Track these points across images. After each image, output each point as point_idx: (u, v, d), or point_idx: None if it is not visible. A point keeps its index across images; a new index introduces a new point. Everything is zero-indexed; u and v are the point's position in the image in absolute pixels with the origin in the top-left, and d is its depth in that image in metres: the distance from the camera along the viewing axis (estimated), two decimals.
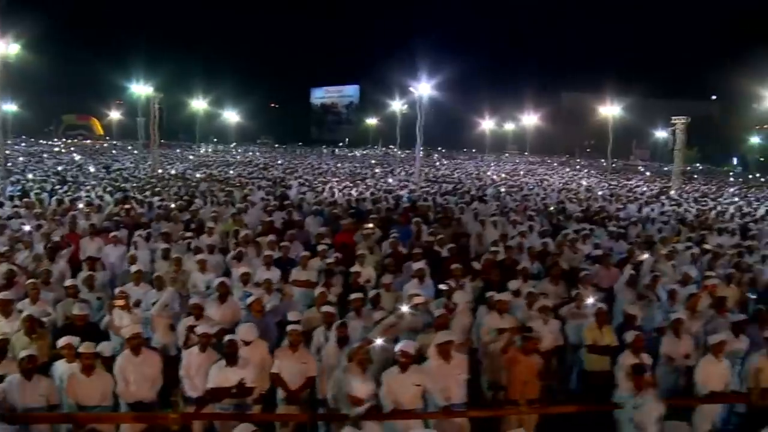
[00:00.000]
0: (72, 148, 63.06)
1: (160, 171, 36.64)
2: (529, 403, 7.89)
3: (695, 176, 65.38)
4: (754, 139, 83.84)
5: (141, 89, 49.41)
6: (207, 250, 13.36)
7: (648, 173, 62.62)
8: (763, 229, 21.11)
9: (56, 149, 62.46)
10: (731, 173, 76.17)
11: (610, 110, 52.58)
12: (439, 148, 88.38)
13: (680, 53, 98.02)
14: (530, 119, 77.59)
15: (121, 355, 8.37)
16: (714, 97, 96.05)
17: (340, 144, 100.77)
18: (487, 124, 79.36)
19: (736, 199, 35.21)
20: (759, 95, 50.95)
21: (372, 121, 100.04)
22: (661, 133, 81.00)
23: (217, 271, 12.68)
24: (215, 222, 16.90)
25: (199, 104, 73.35)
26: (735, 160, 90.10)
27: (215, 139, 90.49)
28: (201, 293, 11.72)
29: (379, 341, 8.29)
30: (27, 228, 15.05)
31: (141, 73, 50.48)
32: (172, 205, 20.11)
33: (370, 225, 16.61)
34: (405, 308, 9.70)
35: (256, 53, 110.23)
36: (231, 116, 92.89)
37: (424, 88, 38.30)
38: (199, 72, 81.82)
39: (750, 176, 67.89)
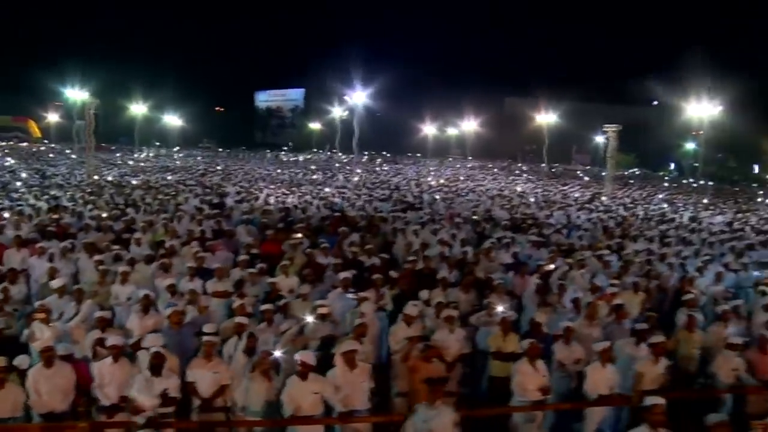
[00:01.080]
0: (6, 151, 61.44)
1: (96, 177, 36.22)
2: None
3: (631, 181, 67.08)
4: (690, 145, 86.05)
5: (76, 94, 48.70)
6: (127, 263, 13.36)
7: (586, 178, 63.90)
8: (681, 236, 22.07)
9: None
10: (666, 178, 78.34)
11: (545, 118, 53.70)
12: (384, 153, 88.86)
13: (622, 58, 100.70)
14: (470, 125, 78.61)
15: (34, 367, 8.56)
16: (655, 103, 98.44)
17: (284, 148, 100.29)
18: (429, 129, 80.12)
19: (664, 205, 36.41)
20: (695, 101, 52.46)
21: (315, 125, 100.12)
22: (600, 138, 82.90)
23: (144, 283, 12.70)
24: (144, 232, 17.01)
25: (138, 108, 72.40)
26: (672, 166, 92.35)
27: (157, 143, 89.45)
28: (123, 305, 11.92)
29: (277, 353, 8.60)
30: None
31: (77, 77, 49.78)
32: (104, 215, 19.90)
33: (298, 234, 16.90)
34: (310, 318, 10.09)
35: (199, 56, 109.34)
36: (172, 120, 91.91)
37: (358, 97, 38.73)
38: (140, 75, 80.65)
39: (684, 181, 70.01)
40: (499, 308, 10.65)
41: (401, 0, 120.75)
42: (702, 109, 42.99)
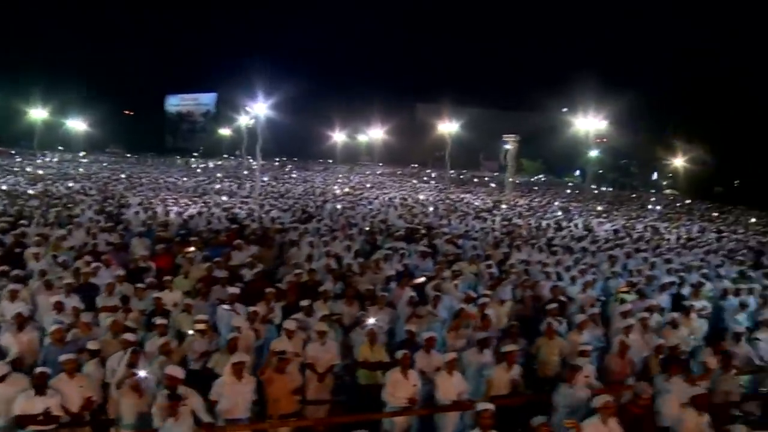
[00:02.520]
0: None
1: None
2: (284, 417, 8.94)
3: (535, 188, 69.20)
4: (593, 152, 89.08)
5: None
6: (13, 279, 13.17)
7: (493, 185, 65.55)
8: (567, 244, 23.24)
9: None
10: (570, 184, 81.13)
11: (448, 127, 54.93)
12: (295, 159, 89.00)
13: (530, 66, 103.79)
14: (377, 132, 79.48)
15: None
16: (565, 109, 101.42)
17: (195, 154, 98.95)
18: (339, 137, 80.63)
19: (559, 213, 37.92)
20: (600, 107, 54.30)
21: (226, 131, 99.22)
22: (508, 145, 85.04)
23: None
24: (39, 245, 16.74)
25: (38, 113, 69.96)
26: (577, 172, 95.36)
27: (60, 148, 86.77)
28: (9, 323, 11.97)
29: (142, 373, 8.99)
30: None
31: None
32: None
33: (191, 248, 17.09)
34: (190, 332, 10.52)
35: (105, 57, 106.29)
36: (77, 125, 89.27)
37: (260, 107, 38.87)
38: (39, 77, 78.05)
39: (586, 187, 72.61)
40: (370, 320, 11.26)
41: (312, 7, 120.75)
42: (589, 123, 44.91)
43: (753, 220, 44.00)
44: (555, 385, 9.87)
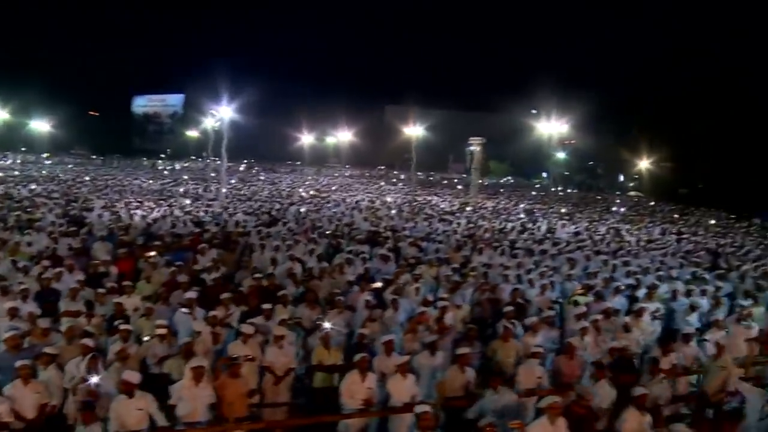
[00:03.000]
0: None
1: None
2: (238, 420, 9.08)
3: (501, 190, 69.79)
4: (560, 154, 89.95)
5: None
6: None
7: (460, 187, 65.98)
8: (528, 247, 23.57)
9: None
10: (537, 186, 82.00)
11: (414, 130, 55.19)
12: (264, 161, 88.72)
13: (500, 67, 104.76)
14: (345, 134, 79.60)
15: None
16: (534, 111, 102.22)
17: (162, 155, 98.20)
18: (306, 139, 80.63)
19: (522, 215, 38.35)
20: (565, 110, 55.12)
21: (193, 133, 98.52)
22: (473, 148, 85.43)
23: None
24: None
25: None
26: (545, 174, 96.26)
27: (23, 149, 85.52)
28: None
29: (94, 379, 9.04)
30: None
31: None
32: None
33: (152, 252, 17.09)
34: (146, 338, 10.60)
35: (70, 57, 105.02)
36: (40, 125, 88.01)
37: (225, 111, 38.84)
38: (1, 77, 76.87)
39: (553, 189, 73.54)
40: (326, 324, 11.42)
41: (281, 9, 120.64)
42: (552, 127, 45.57)
43: (712, 222, 44.83)
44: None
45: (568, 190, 79.58)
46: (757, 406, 10.79)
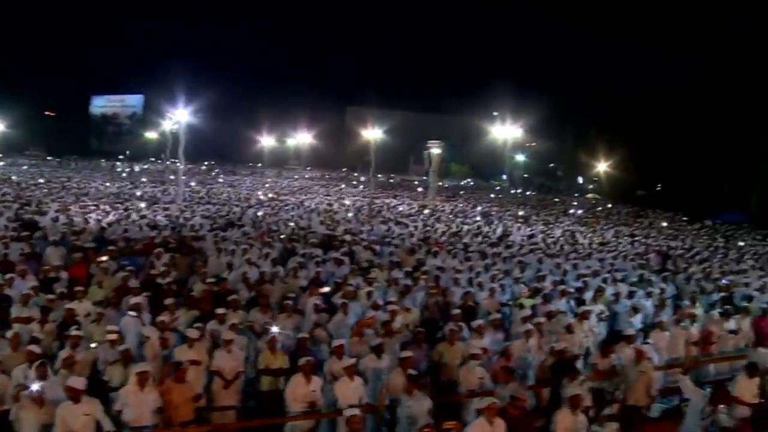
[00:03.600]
0: None
1: None
2: (183, 424, 9.27)
3: (461, 192, 70.37)
4: (519, 157, 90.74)
5: None
6: None
7: (420, 189, 66.34)
8: (482, 250, 23.95)
9: None
10: (498, 188, 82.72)
11: (372, 133, 55.39)
12: (224, 163, 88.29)
13: (461, 69, 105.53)
14: (305, 136, 79.49)
15: None
16: (496, 114, 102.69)
17: (120, 157, 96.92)
18: (267, 140, 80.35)
19: (478, 218, 38.84)
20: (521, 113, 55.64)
21: (153, 134, 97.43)
22: (437, 150, 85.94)
23: None
24: None
25: None
26: (504, 176, 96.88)
27: None
28: None
29: (35, 386, 9.04)
30: None
31: None
32: None
33: (104, 257, 17.05)
34: (93, 345, 10.71)
35: (23, 55, 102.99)
36: None
37: (181, 114, 38.69)
38: None
39: (512, 191, 74.30)
40: (273, 328, 11.62)
41: (242, 9, 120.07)
42: (506, 131, 46.23)
43: (665, 224, 45.86)
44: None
45: (527, 193, 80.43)
46: (699, 406, 11.05)
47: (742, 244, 36.07)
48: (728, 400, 11.11)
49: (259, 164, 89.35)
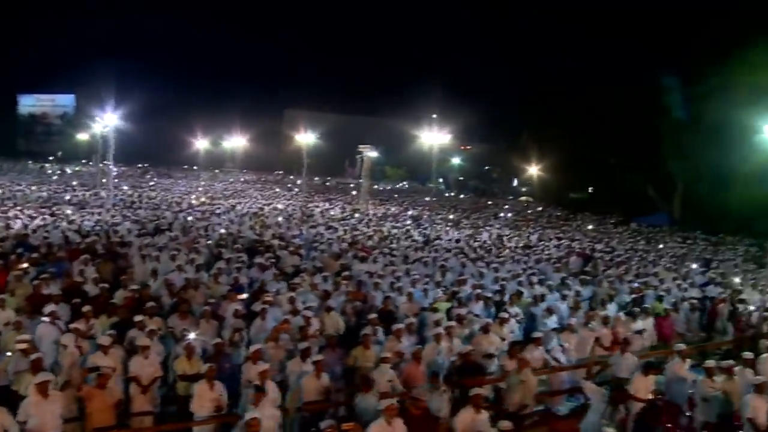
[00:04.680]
0: None
1: None
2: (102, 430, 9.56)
3: (395, 195, 70.93)
4: (455, 160, 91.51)
5: None
6: None
7: (354, 192, 66.63)
8: (404, 254, 24.42)
9: None
10: (433, 191, 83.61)
11: (305, 137, 55.61)
12: (158, 165, 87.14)
13: (398, 72, 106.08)
14: (239, 139, 79.02)
15: None
16: (434, 116, 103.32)
17: (51, 158, 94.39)
18: (201, 143, 79.49)
19: (408, 222, 39.40)
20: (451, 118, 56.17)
21: (84, 135, 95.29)
22: (374, 153, 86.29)
23: None
24: None
25: None
26: (441, 180, 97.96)
27: None
28: None
29: None
30: None
31: None
32: None
33: (24, 265, 16.96)
34: (8, 354, 10.84)
35: None
36: None
37: (110, 118, 38.30)
38: None
39: (447, 195, 75.20)
40: (191, 334, 11.91)
41: (176, 9, 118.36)
42: (433, 137, 47.05)
43: (590, 227, 47.29)
44: None
45: (462, 195, 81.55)
46: (600, 406, 11.61)
47: (661, 246, 37.47)
48: (625, 398, 11.83)
49: (194, 167, 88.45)
